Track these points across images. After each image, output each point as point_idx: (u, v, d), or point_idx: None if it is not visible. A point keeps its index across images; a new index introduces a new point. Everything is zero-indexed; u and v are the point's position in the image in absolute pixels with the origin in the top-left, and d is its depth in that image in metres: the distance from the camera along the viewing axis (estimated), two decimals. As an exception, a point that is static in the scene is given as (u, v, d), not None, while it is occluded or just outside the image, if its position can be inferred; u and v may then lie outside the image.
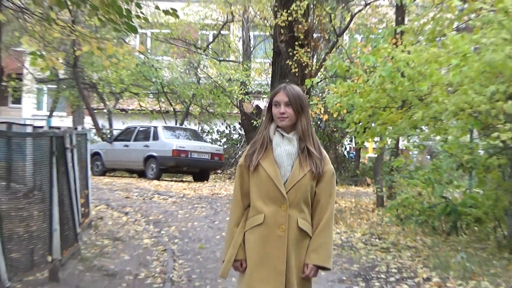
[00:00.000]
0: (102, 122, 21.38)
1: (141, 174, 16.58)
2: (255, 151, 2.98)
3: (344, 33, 16.18)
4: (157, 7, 6.62)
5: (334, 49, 15.38)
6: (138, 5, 6.44)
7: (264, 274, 2.88)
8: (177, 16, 6.64)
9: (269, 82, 15.71)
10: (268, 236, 2.89)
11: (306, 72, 12.45)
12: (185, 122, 21.15)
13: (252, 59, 21.15)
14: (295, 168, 2.94)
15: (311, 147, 2.97)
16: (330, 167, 3.00)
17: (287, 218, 2.89)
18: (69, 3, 6.38)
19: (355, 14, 14.96)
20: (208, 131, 20.83)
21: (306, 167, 2.94)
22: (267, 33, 17.34)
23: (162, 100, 21.40)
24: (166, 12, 6.45)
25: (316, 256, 2.90)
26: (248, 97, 19.54)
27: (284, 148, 2.97)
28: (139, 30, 9.86)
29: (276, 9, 12.73)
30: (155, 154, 15.70)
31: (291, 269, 2.87)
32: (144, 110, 21.41)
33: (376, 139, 11.35)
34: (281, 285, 2.82)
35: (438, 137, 8.74)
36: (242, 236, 2.97)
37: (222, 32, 21.66)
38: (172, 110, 21.10)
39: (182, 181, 16.96)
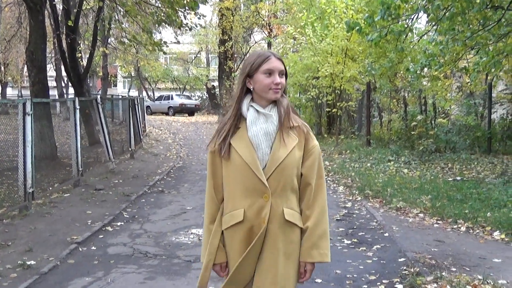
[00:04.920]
0: (150, 93, 42.54)
1: (167, 114, 32.26)
2: (225, 131, 2.18)
3: (247, 54, 30.88)
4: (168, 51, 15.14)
5: (242, 61, 32.21)
6: (165, 42, 14.45)
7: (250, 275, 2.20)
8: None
9: (217, 75, 29.06)
10: (252, 234, 2.15)
11: (232, 71, 24.60)
12: (184, 92, 40.55)
13: (210, 65, 42.50)
14: (275, 148, 2.13)
15: (294, 120, 2.19)
16: (316, 143, 2.23)
17: (269, 210, 2.13)
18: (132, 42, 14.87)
19: (250, 48, 32.82)
20: (192, 95, 40.43)
21: (290, 142, 2.14)
22: (216, 55, 32.28)
23: (173, 84, 43.27)
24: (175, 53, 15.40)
25: (317, 252, 2.17)
26: (209, 81, 37.05)
27: (261, 126, 2.15)
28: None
29: (219, 45, 26.83)
30: (172, 105, 32.89)
31: (279, 266, 2.16)
32: (166, 88, 43.34)
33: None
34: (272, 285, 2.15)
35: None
36: (219, 236, 2.22)
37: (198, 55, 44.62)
38: (178, 88, 42.32)
39: (183, 116, 32.11)
